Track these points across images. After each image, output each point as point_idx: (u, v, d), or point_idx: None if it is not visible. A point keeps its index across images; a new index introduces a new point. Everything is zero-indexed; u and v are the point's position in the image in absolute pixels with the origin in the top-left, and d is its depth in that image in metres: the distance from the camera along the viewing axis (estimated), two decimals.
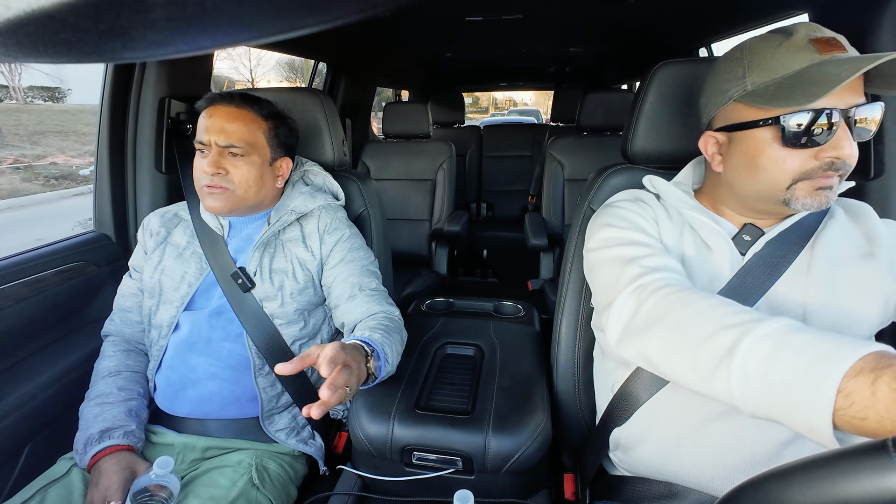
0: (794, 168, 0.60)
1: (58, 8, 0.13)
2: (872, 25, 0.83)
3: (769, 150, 0.61)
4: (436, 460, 0.79)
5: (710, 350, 0.50)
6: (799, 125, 0.57)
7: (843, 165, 0.58)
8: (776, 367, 0.45)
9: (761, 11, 1.30)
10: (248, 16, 0.15)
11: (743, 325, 0.49)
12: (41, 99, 16.95)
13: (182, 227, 0.98)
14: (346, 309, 0.92)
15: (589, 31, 1.83)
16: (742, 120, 0.63)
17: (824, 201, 0.60)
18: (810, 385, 0.42)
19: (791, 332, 0.46)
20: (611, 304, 0.65)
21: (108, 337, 0.97)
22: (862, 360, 0.41)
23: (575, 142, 2.05)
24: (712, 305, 0.54)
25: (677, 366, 0.54)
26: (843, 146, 0.57)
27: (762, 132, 0.61)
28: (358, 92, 2.51)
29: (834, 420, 0.41)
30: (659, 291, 0.59)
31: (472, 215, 3.22)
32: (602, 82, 3.24)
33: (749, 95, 0.62)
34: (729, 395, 0.48)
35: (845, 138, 0.57)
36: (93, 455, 0.77)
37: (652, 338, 0.58)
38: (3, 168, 8.86)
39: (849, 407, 0.40)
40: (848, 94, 0.57)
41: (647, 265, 0.64)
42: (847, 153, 0.57)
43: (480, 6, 1.40)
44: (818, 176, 0.59)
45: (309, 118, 1.09)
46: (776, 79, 0.59)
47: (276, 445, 0.90)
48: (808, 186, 0.60)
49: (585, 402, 0.90)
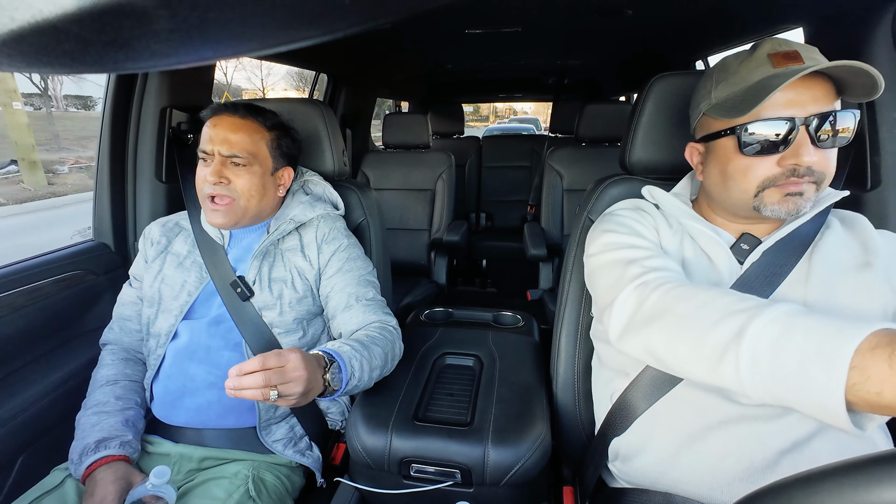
0: (758, 175, 0.62)
1: (62, 19, 0.13)
2: (865, 40, 0.85)
3: (734, 158, 0.64)
4: (434, 473, 0.78)
5: (717, 336, 0.50)
6: (753, 134, 0.61)
7: (810, 172, 0.60)
8: (786, 347, 0.44)
9: (756, 26, 1.32)
10: (249, 27, 0.15)
11: (750, 310, 0.49)
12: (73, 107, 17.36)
13: (183, 236, 0.98)
14: (343, 319, 0.92)
15: (587, 44, 1.86)
16: (711, 131, 0.67)
17: (793, 207, 0.61)
18: (822, 362, 0.41)
19: (799, 315, 0.46)
20: (613, 302, 0.65)
21: (107, 345, 0.97)
22: (875, 335, 0.40)
23: (573, 153, 2.06)
24: (717, 295, 0.54)
25: (683, 355, 0.54)
26: (802, 153, 0.59)
27: (727, 141, 0.65)
28: (358, 102, 2.53)
29: (848, 397, 0.40)
30: (662, 286, 0.59)
31: (472, 225, 3.22)
32: (600, 94, 3.27)
33: (714, 108, 0.66)
34: (738, 381, 0.47)
35: (805, 145, 0.59)
36: (88, 465, 0.76)
37: (656, 329, 0.57)
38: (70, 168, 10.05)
39: (864, 382, 0.39)
40: (809, 102, 0.59)
41: (649, 265, 0.65)
42: (807, 159, 0.59)
43: (480, 19, 1.42)
44: (783, 182, 0.61)
45: (310, 128, 1.10)
46: (735, 92, 0.63)
47: (273, 457, 0.89)
48: (775, 193, 0.62)
49: (585, 414, 0.90)
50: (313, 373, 0.67)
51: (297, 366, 0.64)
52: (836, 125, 0.59)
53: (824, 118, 0.59)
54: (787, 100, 0.59)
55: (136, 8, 0.13)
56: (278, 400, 0.62)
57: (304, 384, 0.64)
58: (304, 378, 0.64)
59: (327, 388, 0.71)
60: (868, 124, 0.85)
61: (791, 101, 0.59)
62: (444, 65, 2.31)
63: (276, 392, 0.62)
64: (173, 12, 0.14)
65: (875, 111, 0.85)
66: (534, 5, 1.27)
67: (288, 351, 0.65)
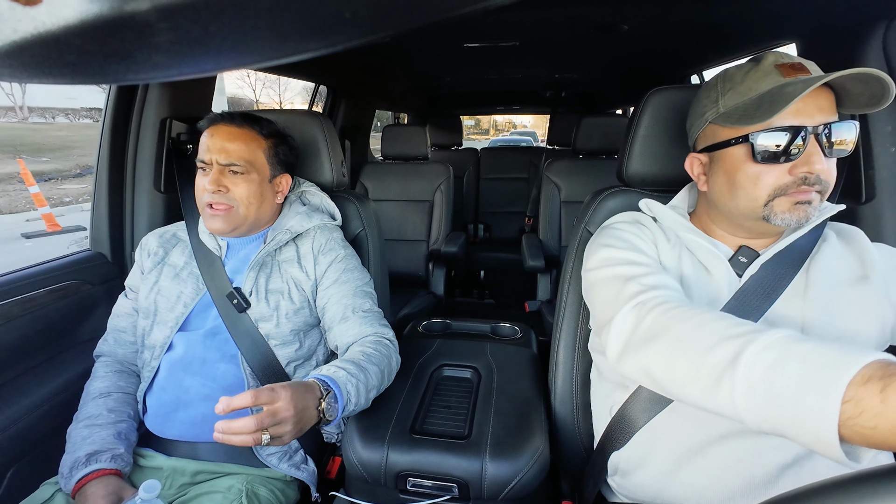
0: (769, 184, 0.62)
1: (64, 31, 0.14)
2: (857, 55, 0.86)
3: (744, 166, 0.64)
4: (431, 487, 0.77)
5: (712, 361, 0.49)
6: (766, 142, 0.61)
7: (819, 181, 0.60)
8: (780, 376, 0.44)
9: (750, 41, 1.34)
10: (250, 40, 0.15)
11: (745, 335, 0.49)
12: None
13: (180, 247, 0.98)
14: (339, 331, 0.92)
15: (584, 59, 1.88)
16: (718, 140, 0.67)
17: (803, 216, 0.62)
18: (816, 393, 0.41)
19: (794, 342, 0.46)
20: (611, 321, 0.64)
21: (101, 357, 0.96)
22: (868, 367, 0.40)
23: (571, 165, 2.08)
24: (713, 318, 0.54)
25: (679, 378, 0.54)
26: (814, 161, 0.59)
27: (736, 150, 0.65)
28: (357, 114, 2.55)
29: (842, 431, 0.39)
30: (659, 307, 0.59)
31: (470, 236, 3.23)
32: (597, 107, 3.31)
33: (722, 116, 0.66)
34: (733, 408, 0.47)
35: (815, 154, 0.59)
36: (78, 479, 0.74)
37: (653, 351, 0.57)
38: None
39: (858, 416, 0.38)
40: (816, 112, 0.59)
41: (647, 283, 0.64)
42: (818, 168, 0.59)
43: (478, 33, 1.44)
44: (793, 191, 0.61)
45: (309, 139, 1.11)
46: (745, 100, 0.64)
47: (268, 470, 0.88)
48: (785, 202, 0.62)
49: (584, 427, 0.89)
50: (303, 409, 0.66)
51: (287, 405, 0.63)
52: (841, 135, 0.60)
53: (831, 128, 0.60)
54: (796, 109, 0.59)
55: (137, 21, 0.13)
56: (272, 441, 0.62)
57: (294, 425, 0.64)
58: (293, 419, 0.64)
59: (322, 418, 0.70)
60: (862, 138, 0.87)
61: (799, 111, 0.59)
62: (443, 78, 2.33)
63: (267, 435, 0.61)
64: (175, 25, 0.14)
65: (868, 125, 0.86)
66: (531, 20, 1.29)
67: (280, 387, 0.65)
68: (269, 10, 0.14)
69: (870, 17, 0.85)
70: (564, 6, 1.16)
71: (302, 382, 0.70)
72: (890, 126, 0.85)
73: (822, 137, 0.60)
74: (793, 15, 1.01)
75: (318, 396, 0.70)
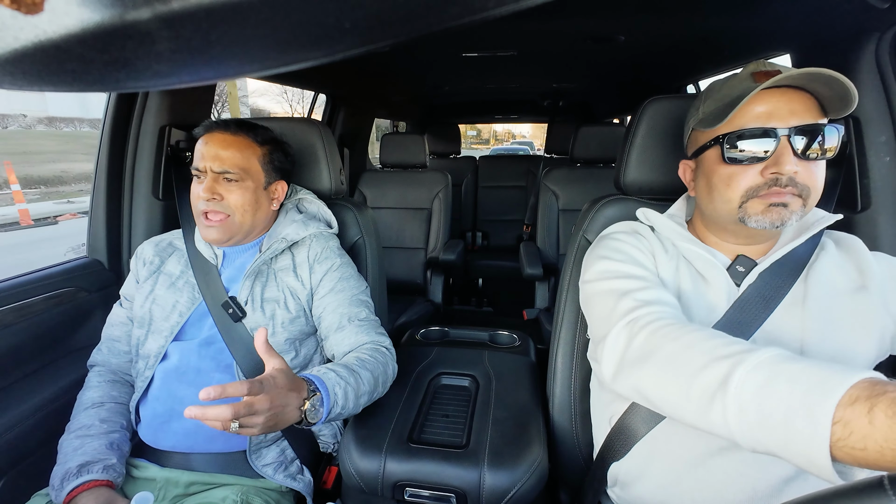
0: (741, 185, 0.64)
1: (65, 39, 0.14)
2: (851, 67, 0.87)
3: (718, 168, 0.66)
4: (429, 497, 0.76)
5: (703, 382, 0.50)
6: (735, 143, 0.63)
7: (793, 183, 0.61)
8: (770, 398, 0.44)
9: (745, 52, 1.36)
10: (251, 48, 0.16)
11: (735, 355, 0.49)
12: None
13: (176, 256, 0.97)
14: (336, 340, 0.91)
15: (581, 69, 1.90)
16: (699, 144, 0.70)
17: (777, 218, 0.62)
18: (805, 416, 0.41)
19: (783, 362, 0.46)
20: (605, 339, 0.65)
21: (94, 367, 0.95)
22: (855, 387, 0.40)
23: (569, 173, 2.09)
24: (703, 338, 0.54)
25: (672, 399, 0.54)
26: (783, 162, 0.60)
27: (711, 153, 0.67)
28: (356, 122, 2.56)
29: (834, 452, 0.39)
30: (651, 325, 0.59)
31: (468, 244, 3.23)
32: (594, 116, 3.33)
33: (700, 122, 0.69)
34: (727, 429, 0.47)
35: (785, 155, 0.60)
36: (70, 491, 0.73)
37: (645, 372, 0.57)
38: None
39: (848, 437, 0.39)
40: (788, 115, 0.60)
41: (641, 298, 0.64)
42: (788, 169, 0.60)
43: (476, 43, 1.45)
44: (765, 192, 0.62)
45: (307, 147, 1.11)
46: (718, 105, 0.66)
47: (263, 481, 0.87)
48: (758, 204, 0.63)
49: (582, 436, 0.88)
50: (283, 407, 0.65)
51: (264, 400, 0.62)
52: (819, 138, 0.61)
53: (806, 131, 0.60)
54: (768, 112, 0.61)
55: (139, 29, 0.14)
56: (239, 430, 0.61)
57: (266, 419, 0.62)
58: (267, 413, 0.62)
59: (303, 419, 0.68)
60: (856, 147, 0.87)
61: (771, 114, 0.61)
62: (441, 86, 2.35)
63: (237, 423, 0.60)
64: (176, 33, 0.14)
65: (862, 134, 0.87)
66: (529, 31, 1.30)
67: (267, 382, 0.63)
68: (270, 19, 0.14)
69: (862, 30, 0.86)
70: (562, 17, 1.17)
71: (294, 378, 0.69)
72: (884, 136, 0.86)
73: (795, 140, 0.60)
74: (787, 27, 1.03)
75: (304, 397, 0.69)
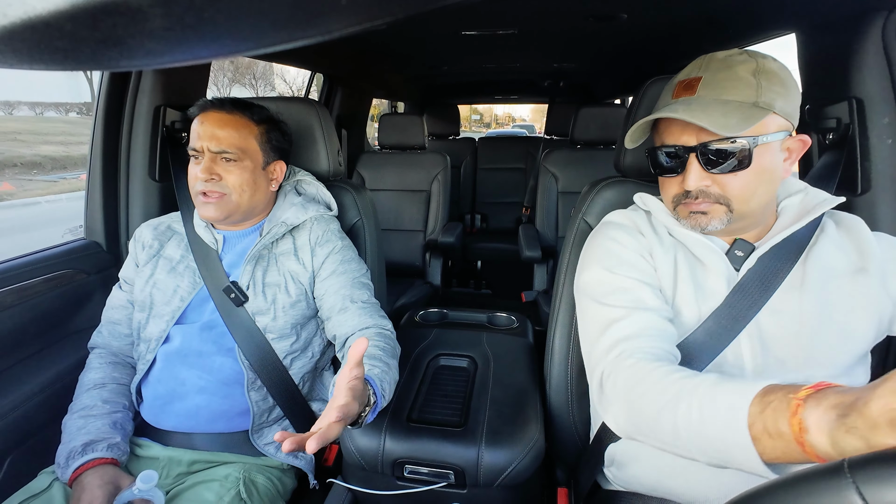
0: (669, 193, 0.70)
1: (55, 16, 0.13)
2: (856, 47, 0.86)
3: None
4: (428, 474, 0.78)
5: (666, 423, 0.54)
6: (655, 159, 0.70)
7: (705, 194, 0.65)
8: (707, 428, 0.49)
9: (749, 32, 1.33)
10: (246, 26, 0.15)
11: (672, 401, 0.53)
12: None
13: (176, 240, 0.96)
14: (338, 321, 0.92)
15: (582, 48, 1.86)
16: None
17: (696, 225, 0.67)
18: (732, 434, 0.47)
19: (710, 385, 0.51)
20: (591, 375, 0.68)
21: (95, 349, 0.95)
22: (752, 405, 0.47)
23: (568, 155, 2.07)
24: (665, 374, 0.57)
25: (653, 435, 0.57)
26: (688, 178, 0.65)
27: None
28: (354, 103, 2.52)
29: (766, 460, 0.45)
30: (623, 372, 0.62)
31: (467, 226, 3.22)
32: (595, 97, 3.29)
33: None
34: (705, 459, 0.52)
35: (692, 172, 0.65)
36: (75, 469, 0.75)
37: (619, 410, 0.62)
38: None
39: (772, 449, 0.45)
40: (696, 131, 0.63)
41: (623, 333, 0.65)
42: (692, 185, 0.65)
43: (475, 21, 1.42)
44: (685, 201, 0.68)
45: (304, 128, 1.10)
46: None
47: (265, 458, 0.89)
48: (683, 209, 0.69)
49: (579, 416, 0.90)
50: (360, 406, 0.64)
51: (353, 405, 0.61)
52: (725, 152, 0.62)
53: (712, 148, 0.63)
54: (680, 129, 0.65)
55: (130, 6, 0.13)
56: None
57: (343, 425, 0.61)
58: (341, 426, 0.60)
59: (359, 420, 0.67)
60: (858, 130, 0.87)
61: (683, 131, 0.65)
62: (440, 66, 2.31)
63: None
64: (168, 11, 0.14)
65: (865, 117, 0.86)
66: (530, 8, 1.27)
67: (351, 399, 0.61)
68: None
69: (869, 8, 0.84)
70: None
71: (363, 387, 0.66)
72: (887, 118, 0.85)
73: (702, 157, 0.64)
74: (792, 5, 1.01)
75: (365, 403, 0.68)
